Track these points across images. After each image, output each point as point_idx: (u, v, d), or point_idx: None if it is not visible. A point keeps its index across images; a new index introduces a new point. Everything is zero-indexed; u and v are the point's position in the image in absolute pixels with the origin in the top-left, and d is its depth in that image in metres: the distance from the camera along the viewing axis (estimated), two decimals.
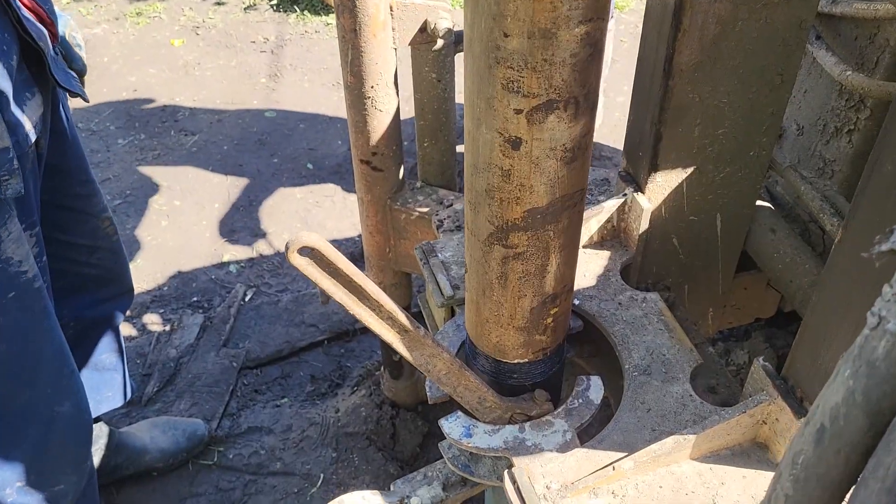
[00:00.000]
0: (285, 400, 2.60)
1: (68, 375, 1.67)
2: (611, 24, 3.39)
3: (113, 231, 1.94)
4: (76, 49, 1.73)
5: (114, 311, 2.00)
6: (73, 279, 1.86)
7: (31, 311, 1.53)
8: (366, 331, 2.80)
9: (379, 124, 1.74)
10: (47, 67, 1.46)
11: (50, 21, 1.51)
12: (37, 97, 1.47)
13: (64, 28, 1.70)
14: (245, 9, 4.54)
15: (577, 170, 1.02)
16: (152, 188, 3.43)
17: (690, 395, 1.32)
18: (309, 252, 1.02)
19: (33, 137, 1.46)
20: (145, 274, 3.03)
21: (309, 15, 4.44)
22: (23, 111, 1.42)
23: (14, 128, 1.39)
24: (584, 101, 0.94)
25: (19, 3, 1.41)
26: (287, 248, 1.01)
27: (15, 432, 1.60)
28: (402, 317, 1.14)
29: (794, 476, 0.57)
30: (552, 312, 1.20)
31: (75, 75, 1.60)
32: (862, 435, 0.52)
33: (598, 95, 0.99)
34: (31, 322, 1.54)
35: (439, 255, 1.61)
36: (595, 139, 3.68)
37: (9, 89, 1.37)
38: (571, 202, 1.06)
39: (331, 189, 3.42)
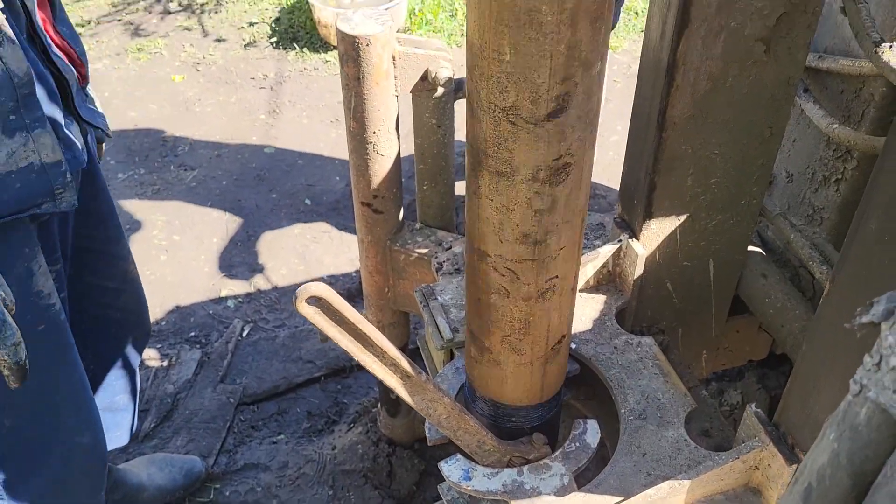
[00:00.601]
0: (282, 436, 2.61)
1: (88, 409, 1.70)
2: None
3: (136, 274, 1.98)
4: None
5: (133, 352, 2.03)
6: (98, 321, 1.89)
7: (57, 344, 1.56)
8: (363, 368, 2.81)
9: (380, 168, 1.79)
10: (71, 99, 1.51)
11: (80, 62, 1.56)
12: (75, 125, 1.52)
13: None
14: (245, 46, 4.62)
15: (568, 224, 1.06)
16: (151, 222, 3.46)
17: (685, 440, 1.35)
18: (316, 301, 1.05)
19: (85, 158, 1.51)
20: None
21: (308, 52, 4.52)
22: (71, 132, 1.48)
23: (70, 145, 1.45)
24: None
25: (45, 33, 1.46)
26: (295, 297, 1.05)
27: (36, 461, 1.62)
28: (404, 363, 1.17)
29: None
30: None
31: (102, 114, 1.65)
32: (846, 494, 0.55)
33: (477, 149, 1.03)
34: (57, 354, 1.57)
35: (439, 297, 1.64)
36: None
37: (59, 109, 1.43)
38: (568, 251, 1.10)
39: (328, 225, 3.46)
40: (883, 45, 1.16)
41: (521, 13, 0.83)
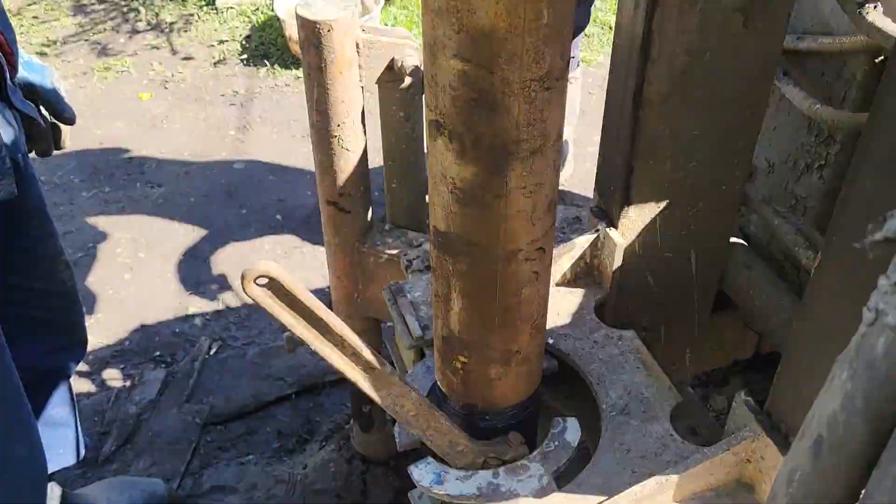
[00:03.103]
0: (251, 457, 2.48)
1: (25, 419, 1.57)
2: (577, 73, 3.42)
3: (69, 276, 1.86)
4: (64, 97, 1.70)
5: (66, 361, 1.90)
6: (24, 324, 1.76)
7: None
8: (335, 384, 2.71)
9: (346, 164, 1.70)
10: (3, 86, 1.42)
11: (10, 50, 1.47)
12: (9, 112, 1.43)
13: (50, 78, 1.66)
14: (214, 63, 4.54)
15: (474, 217, 0.98)
16: (116, 241, 3.35)
17: (671, 435, 1.26)
18: (267, 282, 0.96)
19: (23, 145, 1.42)
20: (106, 328, 2.93)
21: (279, 69, 4.45)
22: (7, 118, 1.39)
23: (6, 131, 1.38)
24: (470, 145, 0.91)
25: None
26: (243, 277, 0.95)
27: None
28: (367, 353, 1.08)
29: (790, 496, 0.52)
30: None
31: (33, 106, 1.56)
32: (864, 445, 0.47)
33: (500, 151, 0.92)
34: None
35: (408, 294, 1.56)
36: (566, 189, 3.67)
37: None
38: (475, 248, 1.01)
39: (300, 240, 3.37)
40: (867, 5, 1.11)
41: None
